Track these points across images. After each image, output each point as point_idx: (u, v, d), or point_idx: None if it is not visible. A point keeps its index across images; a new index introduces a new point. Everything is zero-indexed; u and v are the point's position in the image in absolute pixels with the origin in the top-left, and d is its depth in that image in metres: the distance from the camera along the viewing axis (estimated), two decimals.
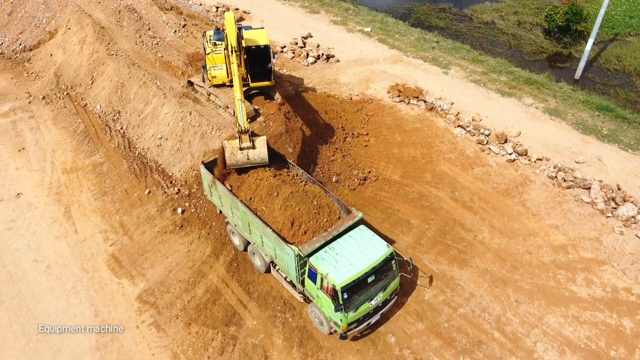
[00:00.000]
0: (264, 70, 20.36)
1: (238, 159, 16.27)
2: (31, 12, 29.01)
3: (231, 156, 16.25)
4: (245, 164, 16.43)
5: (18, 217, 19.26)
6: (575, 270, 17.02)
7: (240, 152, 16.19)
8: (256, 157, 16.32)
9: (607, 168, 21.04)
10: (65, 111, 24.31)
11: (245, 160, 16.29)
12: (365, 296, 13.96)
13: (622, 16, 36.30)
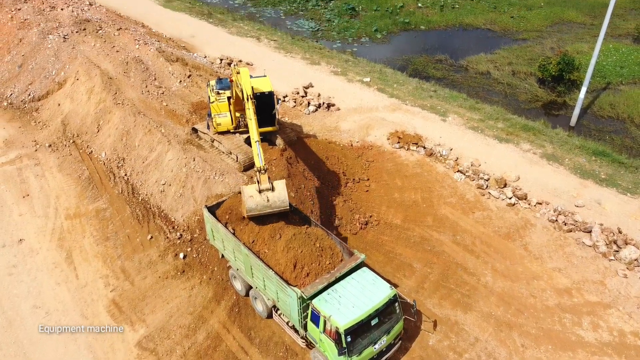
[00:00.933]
0: (269, 116, 20.89)
1: (258, 202, 15.45)
2: (42, 64, 29.97)
3: (250, 199, 15.42)
4: (265, 209, 15.58)
5: (19, 262, 19.21)
6: (580, 313, 16.84)
7: (260, 194, 15.56)
8: (276, 200, 15.58)
9: (606, 211, 21.19)
10: (71, 158, 24.69)
11: (265, 203, 15.49)
12: (369, 340, 13.77)
13: (613, 66, 37.46)
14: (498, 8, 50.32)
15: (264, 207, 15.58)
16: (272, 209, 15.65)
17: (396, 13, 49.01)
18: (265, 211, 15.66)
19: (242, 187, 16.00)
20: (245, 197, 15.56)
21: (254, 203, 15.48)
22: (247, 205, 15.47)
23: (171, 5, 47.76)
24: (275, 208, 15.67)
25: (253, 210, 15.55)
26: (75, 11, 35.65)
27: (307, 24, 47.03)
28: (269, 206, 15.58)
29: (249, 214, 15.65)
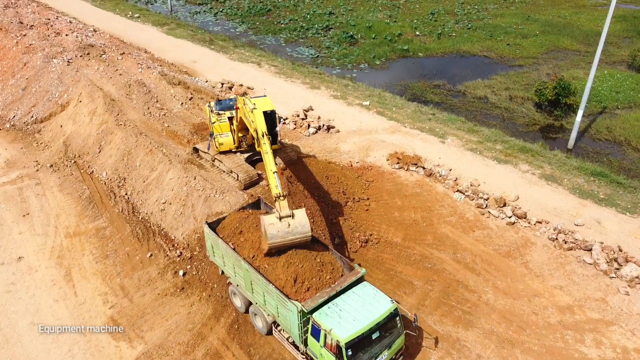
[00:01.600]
0: (271, 134, 21.07)
1: (279, 229, 14.80)
2: (45, 87, 30.41)
3: (270, 227, 14.78)
4: (287, 235, 14.89)
5: (18, 280, 19.09)
6: (583, 330, 16.69)
7: (280, 222, 14.94)
8: (297, 225, 15.00)
9: (606, 230, 21.21)
10: (72, 178, 24.81)
11: (286, 229, 14.84)
12: (370, 354, 13.61)
13: (609, 91, 38.07)
14: (494, 36, 51.37)
15: (286, 234, 14.91)
16: (294, 235, 15.04)
17: (394, 41, 49.98)
18: (287, 238, 14.98)
19: (262, 217, 15.42)
20: (266, 225, 14.88)
21: (276, 230, 14.82)
22: (269, 232, 14.77)
23: (174, 32, 48.75)
24: (297, 234, 15.06)
25: (275, 238, 14.80)
26: (80, 37, 36.37)
27: (307, 51, 47.89)
28: (291, 232, 14.96)
29: (271, 242, 14.85)
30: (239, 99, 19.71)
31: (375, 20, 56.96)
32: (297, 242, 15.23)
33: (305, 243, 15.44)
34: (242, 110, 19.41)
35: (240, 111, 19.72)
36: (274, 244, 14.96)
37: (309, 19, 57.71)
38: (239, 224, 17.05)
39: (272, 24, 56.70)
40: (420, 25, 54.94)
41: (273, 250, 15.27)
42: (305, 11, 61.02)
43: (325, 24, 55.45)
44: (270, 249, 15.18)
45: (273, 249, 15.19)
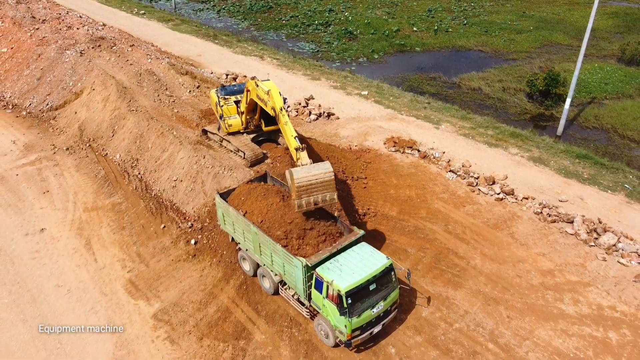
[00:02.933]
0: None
1: (304, 170, 16.09)
2: (59, 76, 31.94)
3: (296, 170, 16.10)
4: (311, 171, 16.09)
5: (42, 248, 20.64)
6: (562, 291, 18.23)
7: (302, 167, 16.35)
8: (321, 169, 16.20)
9: (588, 205, 22.77)
10: (87, 160, 26.35)
11: (310, 169, 16.15)
12: (368, 304, 15.14)
13: (598, 83, 39.63)
14: (489, 32, 52.93)
15: (310, 171, 16.10)
16: (318, 171, 16.19)
17: (392, 36, 51.53)
18: (311, 173, 16.07)
19: (287, 171, 16.76)
20: (292, 171, 16.11)
21: (301, 171, 16.10)
22: (295, 174, 15.93)
23: (178, 28, 50.30)
24: (321, 170, 16.19)
25: (302, 179, 15.89)
26: (90, 30, 37.92)
27: (308, 46, 49.45)
28: (315, 169, 16.20)
29: (298, 181, 15.86)
30: (249, 83, 21.20)
31: (374, 17, 58.53)
32: (321, 180, 16.18)
33: (330, 184, 16.35)
34: (254, 91, 20.87)
35: (252, 93, 21.16)
36: (301, 183, 15.96)
37: (310, 16, 59.28)
38: (248, 194, 18.60)
39: (273, 20, 58.27)
40: (417, 22, 56.52)
41: (302, 196, 16.12)
42: (306, 8, 62.61)
43: (325, 21, 57.02)
44: (299, 191, 16.00)
45: (301, 191, 16.02)
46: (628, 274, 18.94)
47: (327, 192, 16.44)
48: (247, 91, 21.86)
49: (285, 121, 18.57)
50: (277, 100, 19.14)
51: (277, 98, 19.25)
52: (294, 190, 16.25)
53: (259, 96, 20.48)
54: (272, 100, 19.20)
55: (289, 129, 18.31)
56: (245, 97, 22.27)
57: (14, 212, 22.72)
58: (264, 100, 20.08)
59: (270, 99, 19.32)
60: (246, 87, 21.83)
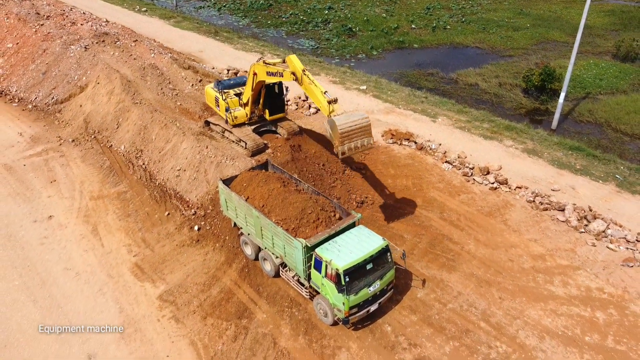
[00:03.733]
0: (280, 102, 23.92)
1: (343, 118, 17.62)
2: (64, 70, 32.61)
3: (337, 119, 17.52)
4: (349, 118, 17.70)
5: (50, 234, 21.33)
6: (552, 274, 18.94)
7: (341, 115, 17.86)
8: (357, 116, 18.05)
9: (579, 195, 23.49)
10: (93, 151, 27.04)
11: (348, 117, 17.79)
12: (365, 282, 15.84)
13: (593, 79, 40.34)
14: (487, 29, 53.64)
15: (349, 119, 17.69)
16: (355, 118, 17.86)
17: (391, 33, 52.22)
18: (350, 119, 17.60)
19: (325, 121, 18.14)
20: (335, 120, 17.49)
21: (343, 119, 17.57)
22: (338, 122, 17.35)
23: (180, 25, 50.98)
24: (358, 117, 17.91)
25: (344, 126, 17.40)
26: (94, 26, 38.59)
27: (308, 43, 50.13)
28: (354, 122, 17.72)
29: (341, 128, 17.29)
30: (255, 66, 21.64)
31: (373, 14, 59.22)
32: (360, 126, 17.81)
33: (367, 129, 18.03)
34: (262, 71, 21.22)
35: (260, 74, 21.52)
36: (343, 129, 17.41)
37: (309, 13, 59.97)
38: (249, 180, 19.31)
39: (273, 18, 58.96)
40: (416, 19, 57.22)
41: (345, 142, 17.58)
42: (306, 6, 63.29)
43: (324, 18, 57.71)
44: (342, 137, 17.45)
45: (344, 137, 17.47)
46: (616, 258, 19.65)
47: (365, 137, 18.04)
48: (253, 75, 22.20)
49: (309, 81, 19.05)
50: (298, 64, 19.56)
51: (297, 62, 19.67)
52: (336, 138, 17.57)
53: (270, 72, 20.92)
54: (292, 64, 19.57)
55: (316, 87, 18.81)
56: (251, 82, 22.64)
57: (23, 201, 23.41)
58: (278, 73, 20.40)
59: (290, 63, 19.71)
60: (251, 71, 22.22)
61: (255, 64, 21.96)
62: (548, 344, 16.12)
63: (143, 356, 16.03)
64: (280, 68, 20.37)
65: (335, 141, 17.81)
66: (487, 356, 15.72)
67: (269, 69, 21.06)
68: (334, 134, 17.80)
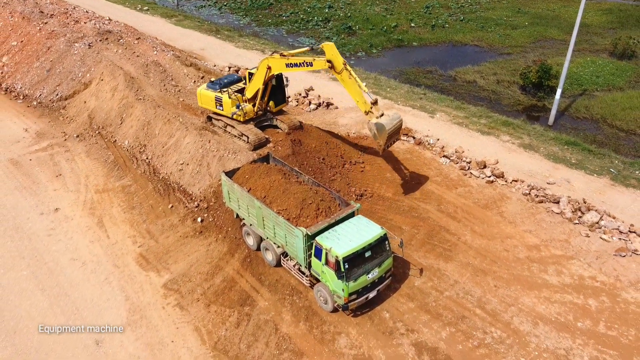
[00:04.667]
0: (282, 93, 24.77)
1: (386, 120, 20.17)
2: (68, 67, 33.15)
3: (381, 119, 20.10)
4: (392, 122, 20.39)
5: (56, 226, 21.86)
6: (547, 263, 19.45)
7: (381, 118, 20.19)
8: (395, 116, 21.03)
9: (574, 188, 23.97)
10: (97, 146, 27.57)
11: (389, 119, 20.33)
12: (363, 269, 16.35)
13: (590, 76, 40.82)
14: (485, 28, 54.10)
15: (391, 121, 20.56)
16: (394, 120, 20.83)
17: (390, 32, 52.70)
18: (393, 123, 20.58)
19: (368, 123, 20.39)
20: (384, 124, 20.06)
21: (384, 121, 20.17)
22: (387, 126, 20.15)
23: (181, 23, 51.51)
24: (396, 119, 21.00)
25: (388, 125, 20.27)
26: (97, 24, 39.13)
27: (308, 41, 50.59)
28: (392, 119, 20.72)
29: (389, 128, 20.21)
30: (271, 59, 21.90)
31: (373, 13, 59.73)
32: (397, 125, 21.07)
33: (401, 126, 21.62)
34: (279, 64, 21.53)
35: (276, 67, 21.82)
36: (390, 130, 20.37)
37: (309, 12, 60.47)
38: (251, 172, 19.85)
39: (274, 16, 59.46)
40: (415, 18, 57.71)
41: (387, 141, 20.64)
42: (306, 5, 63.78)
43: (324, 17, 58.21)
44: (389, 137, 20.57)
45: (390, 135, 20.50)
46: (609, 248, 20.14)
47: (399, 134, 21.75)
48: (267, 69, 22.45)
49: (350, 75, 20.21)
50: (337, 54, 20.05)
51: (336, 51, 20.07)
52: (383, 139, 20.30)
53: (292, 64, 21.19)
54: (331, 53, 19.84)
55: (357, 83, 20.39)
56: (263, 77, 22.75)
57: (29, 194, 23.94)
58: (305, 63, 20.67)
59: (328, 51, 19.86)
60: (264, 66, 22.32)
61: (268, 58, 22.29)
62: (541, 329, 16.62)
63: (149, 342, 16.55)
64: (308, 57, 20.77)
65: (381, 141, 20.42)
66: (482, 341, 16.23)
67: (290, 60, 21.42)
68: (380, 136, 20.27)
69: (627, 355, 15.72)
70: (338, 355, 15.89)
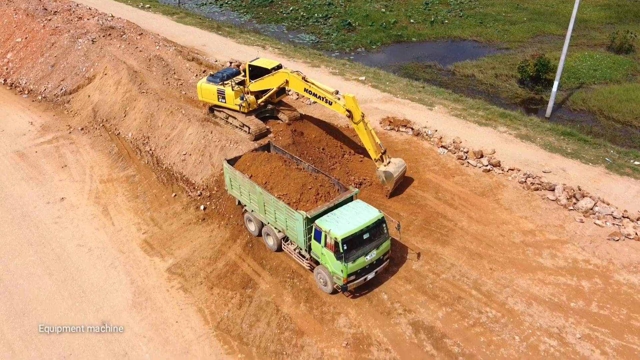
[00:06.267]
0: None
1: (392, 169, 22.23)
2: (72, 63, 33.68)
3: (388, 167, 22.25)
4: (397, 170, 22.39)
5: (63, 215, 22.39)
6: (541, 247, 19.92)
7: (388, 165, 22.34)
8: (400, 163, 22.92)
9: (570, 176, 24.44)
10: (101, 139, 28.10)
11: (395, 167, 22.38)
12: (362, 251, 16.83)
13: (587, 70, 41.20)
14: (484, 23, 54.49)
15: (397, 169, 22.49)
16: (399, 168, 22.64)
17: (390, 28, 53.12)
18: (399, 171, 22.54)
19: (377, 170, 22.50)
20: (385, 170, 22.17)
21: (391, 170, 22.26)
22: (391, 170, 22.22)
23: (183, 20, 52.01)
24: (401, 167, 22.83)
25: (395, 173, 22.29)
26: (100, 20, 39.63)
27: (308, 37, 51.10)
28: (398, 167, 22.61)
29: (395, 175, 22.26)
30: (292, 76, 22.96)
31: (372, 10, 60.16)
32: (402, 171, 22.94)
33: (405, 171, 23.40)
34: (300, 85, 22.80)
35: (296, 86, 23.16)
36: (396, 177, 22.33)
37: (310, 9, 60.91)
38: (252, 160, 20.35)
39: (274, 13, 59.94)
40: (414, 14, 58.13)
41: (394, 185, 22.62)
42: (306, 2, 64.21)
43: (324, 14, 58.65)
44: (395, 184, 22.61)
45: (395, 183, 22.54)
46: (603, 233, 20.60)
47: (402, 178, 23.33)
48: (285, 82, 23.39)
49: (366, 127, 21.82)
50: (358, 107, 21.66)
51: (357, 104, 21.68)
52: (391, 185, 22.47)
53: (311, 92, 22.43)
54: (352, 104, 21.45)
55: (371, 134, 22.16)
56: (277, 84, 23.74)
57: (36, 184, 24.47)
58: (325, 99, 22.09)
59: (349, 103, 21.40)
60: (281, 78, 23.39)
61: (289, 73, 23.00)
62: (535, 309, 17.10)
63: (153, 322, 17.07)
64: (330, 96, 22.02)
65: (389, 187, 22.55)
66: (478, 320, 16.72)
67: (310, 89, 22.42)
68: (388, 183, 22.41)
69: (618, 333, 16.19)
70: (337, 334, 16.38)
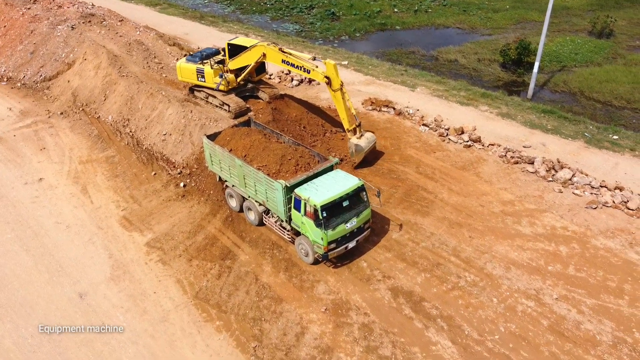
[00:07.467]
0: (261, 64, 25.41)
1: (363, 142, 22.49)
2: (52, 49, 33.32)
3: (359, 141, 22.44)
4: (368, 144, 22.62)
5: (41, 194, 22.14)
6: (520, 216, 20.04)
7: (360, 138, 22.61)
8: (371, 138, 23.08)
9: (549, 150, 24.62)
10: (81, 122, 27.83)
11: (366, 141, 22.63)
12: (342, 219, 16.80)
13: (569, 53, 41.54)
14: (467, 11, 54.75)
15: (367, 143, 22.73)
16: (370, 142, 22.89)
17: (374, 17, 53.19)
18: (370, 145, 22.83)
19: (349, 141, 22.73)
20: (362, 145, 22.42)
21: (362, 143, 22.48)
22: (362, 144, 22.49)
23: (166, 11, 51.71)
24: (372, 141, 23.06)
25: (365, 147, 22.55)
26: (81, 8, 39.26)
27: (292, 27, 51.00)
28: (368, 141, 22.85)
29: (366, 149, 22.58)
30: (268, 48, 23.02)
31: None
32: (372, 146, 23.14)
33: (375, 146, 23.56)
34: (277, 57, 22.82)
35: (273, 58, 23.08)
36: (366, 151, 22.60)
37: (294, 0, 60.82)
38: (232, 135, 20.25)
39: (258, 4, 59.73)
40: (398, 3, 58.23)
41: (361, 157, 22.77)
42: None
43: (309, 4, 58.58)
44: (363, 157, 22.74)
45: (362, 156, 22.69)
46: (581, 202, 20.78)
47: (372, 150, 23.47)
48: (262, 55, 23.23)
49: (343, 95, 21.90)
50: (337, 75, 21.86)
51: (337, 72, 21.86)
52: (358, 157, 22.70)
53: (288, 62, 22.60)
54: (332, 72, 21.72)
55: (348, 104, 22.30)
56: (255, 60, 23.68)
57: (13, 166, 24.18)
58: (302, 67, 22.25)
59: (330, 69, 21.72)
60: (258, 52, 23.21)
61: (265, 46, 22.94)
62: (513, 273, 17.20)
63: (132, 293, 16.94)
64: (307, 64, 22.27)
65: (356, 159, 22.90)
66: (456, 284, 16.79)
67: (288, 59, 22.46)
68: (356, 155, 22.77)
69: (594, 293, 16.33)
70: (316, 301, 16.36)
